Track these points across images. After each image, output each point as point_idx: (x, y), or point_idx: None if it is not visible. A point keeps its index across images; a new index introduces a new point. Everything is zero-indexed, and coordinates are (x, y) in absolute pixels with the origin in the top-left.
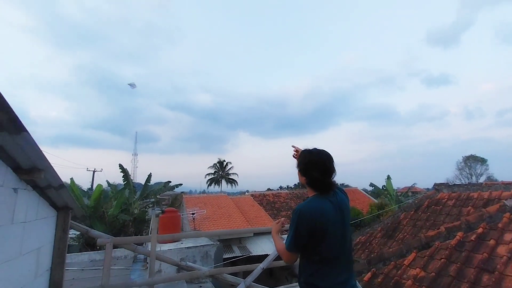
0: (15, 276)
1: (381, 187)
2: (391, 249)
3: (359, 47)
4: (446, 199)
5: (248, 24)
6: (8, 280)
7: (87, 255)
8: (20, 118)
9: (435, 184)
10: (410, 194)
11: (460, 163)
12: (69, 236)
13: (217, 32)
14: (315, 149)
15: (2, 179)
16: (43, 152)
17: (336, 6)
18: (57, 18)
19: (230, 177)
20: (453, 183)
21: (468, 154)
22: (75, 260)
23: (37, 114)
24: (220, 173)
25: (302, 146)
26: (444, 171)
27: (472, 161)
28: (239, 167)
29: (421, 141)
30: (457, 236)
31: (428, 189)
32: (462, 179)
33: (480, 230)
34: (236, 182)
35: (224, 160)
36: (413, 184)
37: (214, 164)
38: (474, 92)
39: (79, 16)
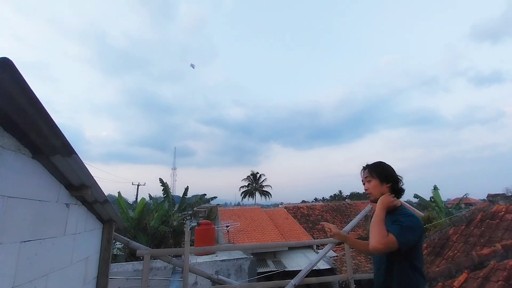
0: (67, 282)
1: (427, 199)
2: (438, 268)
3: (396, 49)
4: (503, 212)
5: (280, 37)
6: (62, 285)
7: (131, 265)
8: (76, 140)
9: (489, 195)
10: (462, 206)
11: None
12: (116, 246)
13: (248, 48)
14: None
15: (57, 196)
16: (95, 168)
17: (370, 9)
18: (108, 48)
19: (263, 189)
20: None
21: None
22: (121, 269)
23: (91, 135)
24: (254, 185)
25: (338, 156)
26: (503, 179)
27: None
28: (272, 179)
29: (474, 146)
30: None
31: (484, 200)
32: None
33: None
34: (270, 194)
35: (258, 173)
36: (465, 194)
37: (248, 176)
38: None
39: (126, 45)
